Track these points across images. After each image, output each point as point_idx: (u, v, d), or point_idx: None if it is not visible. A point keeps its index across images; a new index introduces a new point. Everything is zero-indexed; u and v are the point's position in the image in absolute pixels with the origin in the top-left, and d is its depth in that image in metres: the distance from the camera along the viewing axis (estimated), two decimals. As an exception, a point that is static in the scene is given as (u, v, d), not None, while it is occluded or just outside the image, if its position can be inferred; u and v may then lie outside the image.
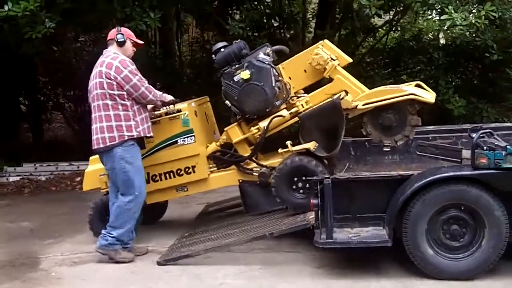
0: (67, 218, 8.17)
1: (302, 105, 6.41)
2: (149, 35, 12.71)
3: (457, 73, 11.03)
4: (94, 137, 6.05)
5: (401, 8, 9.93)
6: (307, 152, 6.07)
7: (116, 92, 5.94)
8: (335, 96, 6.22)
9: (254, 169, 6.46)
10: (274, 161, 6.35)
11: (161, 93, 6.33)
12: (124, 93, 5.96)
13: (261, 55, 6.35)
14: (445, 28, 7.91)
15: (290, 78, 6.47)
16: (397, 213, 5.20)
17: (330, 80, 6.40)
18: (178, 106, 6.51)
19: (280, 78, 6.35)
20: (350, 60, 6.57)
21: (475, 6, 8.54)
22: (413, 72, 11.09)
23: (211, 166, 6.65)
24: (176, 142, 6.48)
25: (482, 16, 8.04)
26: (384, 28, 11.55)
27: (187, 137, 6.45)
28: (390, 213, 5.24)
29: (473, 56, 10.31)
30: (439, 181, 5.14)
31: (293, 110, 6.41)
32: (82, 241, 6.90)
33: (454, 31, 9.79)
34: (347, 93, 6.23)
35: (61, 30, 9.28)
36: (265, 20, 10.90)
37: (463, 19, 7.85)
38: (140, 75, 6.08)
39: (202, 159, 6.56)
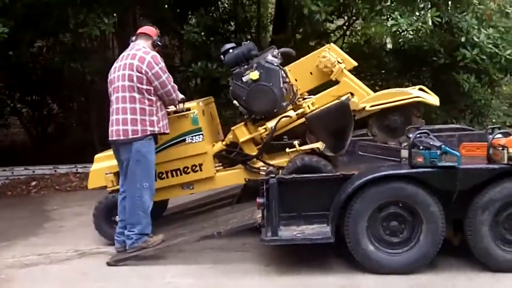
0: (22, 222, 8.17)
1: (308, 106, 6.50)
2: (106, 40, 12.73)
3: (408, 77, 11.27)
4: (114, 127, 6.08)
5: (352, 14, 10.18)
6: (315, 152, 6.22)
7: (144, 87, 6.01)
8: (343, 97, 6.36)
9: (261, 168, 6.52)
10: (280, 161, 6.44)
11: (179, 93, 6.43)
12: (152, 88, 6.04)
13: (270, 57, 6.44)
14: (392, 32, 8.12)
15: (296, 80, 6.57)
16: (339, 210, 5.41)
17: (336, 82, 6.53)
18: (187, 104, 6.56)
19: (287, 79, 6.45)
20: (356, 63, 6.68)
21: (421, 12, 8.77)
22: (366, 76, 11.30)
23: (217, 165, 6.73)
24: (185, 140, 6.52)
25: (427, 21, 8.32)
26: (337, 33, 11.82)
27: (195, 135, 6.51)
28: (333, 211, 5.44)
29: (423, 60, 10.56)
30: (378, 179, 5.36)
31: (300, 111, 6.49)
32: (35, 244, 6.95)
33: (404, 35, 10.03)
34: (353, 95, 6.37)
35: (16, 35, 9.29)
36: (220, 25, 11.02)
37: (409, 24, 8.10)
38: (168, 73, 6.19)
39: (209, 157, 6.61)
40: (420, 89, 6.50)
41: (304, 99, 6.64)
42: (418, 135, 5.38)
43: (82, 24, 8.96)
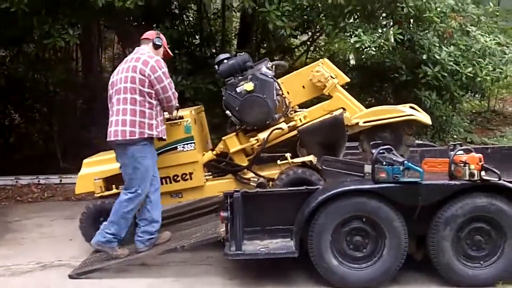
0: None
1: (300, 119, 6.53)
2: (70, 50, 12.64)
3: (371, 92, 11.39)
4: (113, 128, 6.04)
5: (316, 30, 10.29)
6: (306, 165, 6.28)
7: (146, 90, 5.98)
8: (337, 112, 6.39)
9: (251, 179, 6.53)
10: (271, 172, 6.48)
11: None
12: (153, 92, 6.02)
13: (264, 69, 6.43)
14: (355, 49, 8.23)
15: (288, 92, 6.58)
16: (303, 225, 5.43)
17: (327, 97, 6.58)
18: (180, 112, 6.53)
19: (280, 92, 6.46)
20: (348, 79, 6.76)
21: (383, 29, 8.91)
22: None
23: (206, 174, 6.70)
24: (176, 148, 6.48)
25: (389, 39, 8.45)
26: (301, 48, 11.92)
27: (187, 143, 6.49)
28: (297, 225, 5.46)
29: (385, 76, 10.68)
30: (341, 194, 5.41)
31: (291, 124, 6.52)
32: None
33: (367, 52, 10.15)
34: (345, 110, 6.41)
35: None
36: (185, 38, 11.02)
37: (371, 41, 8.22)
38: (170, 79, 6.19)
39: (200, 166, 6.59)
40: (411, 107, 6.56)
41: (295, 112, 6.67)
42: (381, 151, 5.44)
43: (46, 34, 8.87)
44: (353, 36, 8.26)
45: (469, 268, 5.44)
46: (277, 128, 6.44)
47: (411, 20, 9.31)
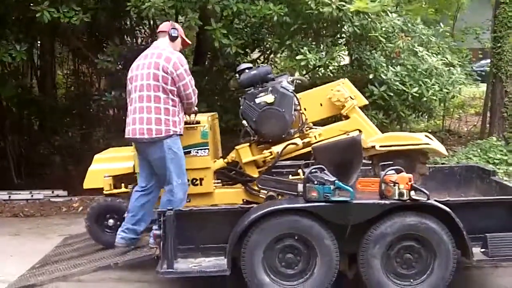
0: None
1: (315, 136, 6.52)
2: (23, 67, 12.58)
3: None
4: (137, 126, 5.98)
5: (266, 48, 10.37)
6: None
7: (169, 87, 5.94)
8: (354, 134, 6.37)
9: (261, 190, 6.47)
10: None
11: None
12: (175, 89, 5.98)
13: (285, 83, 6.42)
14: (301, 67, 8.31)
15: (305, 109, 6.55)
16: (235, 243, 5.44)
17: (344, 117, 6.60)
18: (198, 117, 6.50)
19: (298, 107, 6.47)
20: (367, 102, 6.80)
21: (329, 47, 9.01)
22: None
23: (215, 181, 6.66)
24: (189, 152, 6.39)
25: (335, 58, 8.56)
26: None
27: (201, 149, 6.43)
28: (230, 243, 5.48)
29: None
30: (274, 212, 5.45)
31: (306, 140, 6.49)
32: None
33: (317, 70, 10.25)
34: (360, 132, 6.41)
35: None
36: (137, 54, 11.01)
37: (317, 60, 8.31)
38: (191, 76, 6.15)
39: (211, 173, 6.55)
40: (426, 136, 6.54)
41: (310, 128, 6.64)
42: (313, 170, 5.50)
43: (-7, 50, 8.90)
44: (299, 55, 8.30)
45: (399, 286, 5.49)
46: (291, 143, 6.43)
47: (357, 40, 9.42)
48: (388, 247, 5.46)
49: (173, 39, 6.26)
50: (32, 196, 10.50)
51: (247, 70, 6.53)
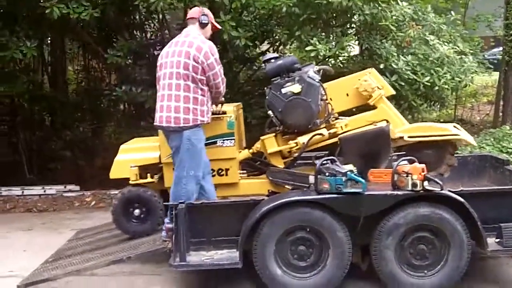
0: None
1: (341, 127, 6.44)
2: (34, 63, 12.61)
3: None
4: (164, 114, 5.97)
5: (275, 40, 10.31)
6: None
7: (199, 76, 5.91)
8: (382, 124, 6.32)
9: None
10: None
11: None
12: (205, 78, 5.95)
13: (311, 72, 6.35)
14: (311, 58, 8.24)
15: (331, 99, 6.50)
16: (247, 235, 5.43)
17: (371, 107, 6.53)
18: (224, 108, 6.50)
19: (325, 97, 6.43)
20: (394, 92, 6.74)
21: (339, 37, 8.94)
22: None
23: (240, 171, 6.65)
24: (215, 142, 6.40)
25: (345, 48, 8.50)
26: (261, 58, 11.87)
27: (227, 139, 6.42)
28: (242, 236, 5.46)
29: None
30: (286, 204, 5.43)
31: (332, 130, 6.43)
32: None
33: (326, 62, 10.18)
34: (388, 122, 6.35)
35: None
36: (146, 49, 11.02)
37: (327, 50, 8.25)
38: (221, 65, 6.13)
39: (236, 163, 6.54)
40: (455, 127, 6.46)
41: (336, 119, 6.58)
42: (324, 162, 5.47)
43: (4, 47, 8.90)
44: (308, 46, 8.24)
45: (412, 277, 5.47)
46: (318, 134, 6.37)
47: (368, 29, 9.35)
48: (402, 238, 5.43)
49: (203, 26, 6.21)
50: (44, 191, 10.56)
51: (273, 60, 6.49)
